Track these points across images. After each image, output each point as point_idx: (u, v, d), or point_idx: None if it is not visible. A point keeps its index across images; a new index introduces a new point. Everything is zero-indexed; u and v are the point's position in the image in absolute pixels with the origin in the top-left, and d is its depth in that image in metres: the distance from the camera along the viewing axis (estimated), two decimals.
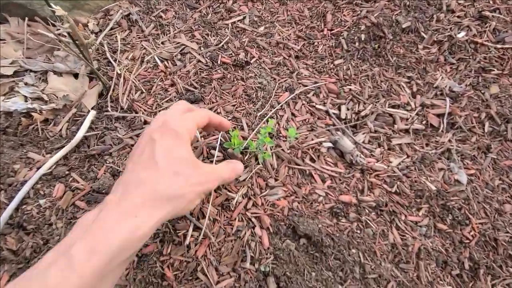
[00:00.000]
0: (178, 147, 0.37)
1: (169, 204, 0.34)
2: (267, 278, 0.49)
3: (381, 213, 0.57)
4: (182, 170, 0.36)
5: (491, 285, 0.56)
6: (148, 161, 0.35)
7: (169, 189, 0.34)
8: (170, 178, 0.35)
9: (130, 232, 0.30)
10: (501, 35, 0.76)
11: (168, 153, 0.36)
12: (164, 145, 0.36)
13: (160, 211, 0.33)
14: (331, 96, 0.68)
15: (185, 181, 0.35)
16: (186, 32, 0.75)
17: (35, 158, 0.56)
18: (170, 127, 0.38)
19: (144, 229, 0.31)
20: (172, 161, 0.36)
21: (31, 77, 0.66)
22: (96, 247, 0.29)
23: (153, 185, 0.33)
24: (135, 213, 0.31)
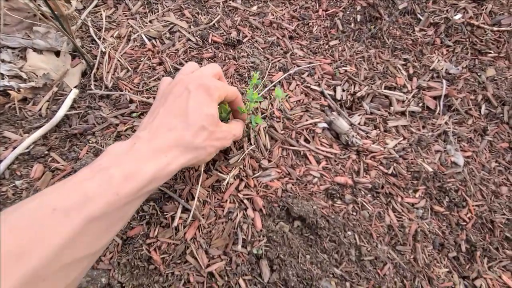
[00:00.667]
0: (208, 104, 0.40)
1: (193, 152, 0.38)
2: (259, 261, 0.47)
3: (377, 195, 0.56)
4: (208, 126, 0.39)
5: (487, 267, 0.55)
6: (180, 111, 0.39)
7: (195, 140, 0.38)
8: (197, 131, 0.38)
9: (160, 167, 0.34)
10: (497, 17, 0.75)
11: (199, 108, 0.39)
12: (197, 99, 0.39)
13: (185, 156, 0.37)
14: (326, 77, 0.66)
15: (208, 136, 0.40)
16: (176, 10, 0.72)
17: (12, 137, 0.52)
18: (206, 83, 0.41)
19: (170, 168, 0.35)
20: (202, 117, 0.39)
21: (8, 54, 0.62)
22: (131, 175, 0.32)
23: (182, 133, 0.37)
24: (165, 153, 0.35)
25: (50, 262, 0.25)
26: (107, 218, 0.30)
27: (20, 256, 0.24)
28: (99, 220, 0.29)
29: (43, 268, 0.25)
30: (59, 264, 0.26)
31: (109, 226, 0.31)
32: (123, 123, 0.55)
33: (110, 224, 0.31)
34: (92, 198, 0.29)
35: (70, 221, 0.27)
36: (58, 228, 0.26)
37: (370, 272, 0.49)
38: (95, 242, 0.30)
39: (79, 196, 0.28)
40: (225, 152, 0.54)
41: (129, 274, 0.45)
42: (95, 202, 0.29)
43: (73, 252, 0.27)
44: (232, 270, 0.46)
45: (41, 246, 0.25)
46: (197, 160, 0.39)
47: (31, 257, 0.24)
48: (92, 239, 0.29)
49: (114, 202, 0.30)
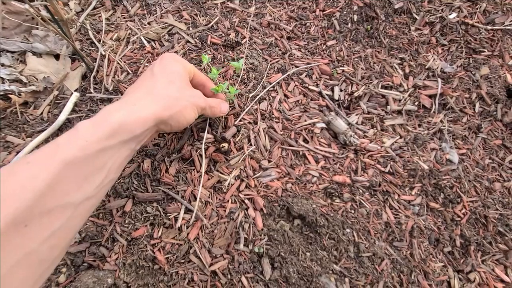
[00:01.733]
0: (175, 65, 0.43)
1: (164, 100, 0.39)
2: (261, 259, 0.49)
3: (374, 193, 0.57)
4: (176, 81, 0.41)
5: (481, 261, 0.56)
6: (146, 75, 0.42)
7: (164, 90, 0.39)
8: (166, 83, 0.40)
9: (128, 114, 0.35)
10: (491, 16, 0.76)
11: (164, 68, 0.42)
12: (162, 63, 0.42)
13: (156, 104, 0.38)
14: (324, 77, 0.67)
15: (178, 89, 0.41)
16: (174, 12, 0.72)
17: (15, 142, 0.53)
18: (169, 55, 0.44)
19: (140, 113, 0.36)
20: (168, 74, 0.41)
21: (8, 58, 0.62)
22: (99, 122, 0.33)
23: (150, 87, 0.39)
24: (134, 103, 0.37)
25: (31, 206, 0.27)
26: (81, 164, 0.31)
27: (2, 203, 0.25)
28: (73, 165, 0.30)
29: (23, 213, 0.26)
30: (40, 209, 0.27)
31: (86, 174, 0.31)
32: None
33: (87, 173, 0.31)
34: (62, 145, 0.30)
35: (45, 168, 0.28)
36: (34, 175, 0.28)
37: (368, 268, 0.51)
38: (75, 190, 0.30)
39: (51, 147, 0.30)
40: (226, 153, 0.55)
41: (135, 274, 0.46)
42: (66, 148, 0.30)
43: (53, 199, 0.28)
44: (235, 269, 0.47)
45: (20, 192, 0.26)
46: (172, 110, 0.39)
47: (12, 202, 0.26)
48: (70, 185, 0.30)
49: (85, 147, 0.31)
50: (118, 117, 0.34)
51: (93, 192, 0.32)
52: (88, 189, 0.32)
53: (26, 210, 0.26)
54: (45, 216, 0.28)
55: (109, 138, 0.33)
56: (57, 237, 0.29)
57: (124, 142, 0.35)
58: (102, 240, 0.47)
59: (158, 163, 0.53)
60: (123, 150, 0.35)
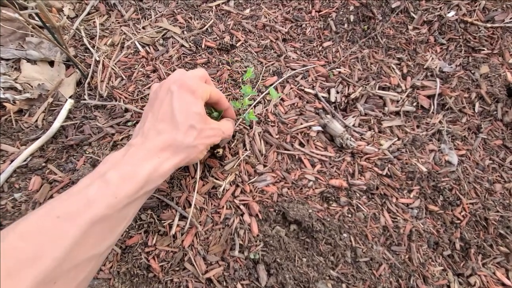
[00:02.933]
0: (194, 103, 0.41)
1: (185, 152, 0.40)
2: (257, 265, 0.48)
3: (372, 196, 0.56)
4: (197, 124, 0.40)
5: (481, 264, 0.56)
6: (166, 114, 0.40)
7: (185, 140, 0.39)
8: (186, 131, 0.40)
9: (154, 168, 0.36)
10: (491, 14, 0.74)
11: (185, 108, 0.40)
12: (181, 100, 0.40)
13: (177, 156, 0.39)
14: (320, 79, 0.66)
15: (198, 134, 0.41)
16: (168, 16, 0.72)
17: (9, 150, 0.53)
18: (187, 83, 0.41)
19: (164, 168, 0.37)
20: (189, 116, 0.40)
21: (2, 65, 0.62)
22: (127, 176, 0.34)
23: (172, 135, 0.39)
24: (158, 154, 0.37)
25: (61, 263, 0.27)
26: (109, 220, 0.32)
27: (33, 261, 0.26)
28: (102, 221, 0.31)
29: (54, 270, 0.27)
30: (68, 265, 0.28)
31: (112, 227, 0.33)
32: (119, 132, 0.56)
33: (112, 225, 0.33)
34: (93, 202, 0.31)
35: (75, 225, 0.29)
36: (65, 232, 0.28)
37: (366, 273, 0.50)
38: (100, 243, 0.32)
39: (81, 202, 0.31)
40: (221, 159, 0.54)
41: (129, 282, 0.46)
42: (96, 205, 0.31)
43: (80, 253, 0.29)
44: (230, 276, 0.47)
45: (51, 249, 0.27)
46: (189, 159, 0.41)
47: (43, 260, 0.26)
48: (97, 240, 0.31)
49: (114, 204, 0.32)
50: (145, 172, 0.35)
51: (115, 240, 0.34)
52: (112, 239, 0.33)
53: (56, 268, 0.27)
54: (72, 270, 0.29)
55: (137, 193, 0.34)
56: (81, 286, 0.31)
57: (147, 192, 0.37)
58: None
59: None
60: (145, 197, 0.38)
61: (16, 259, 0.26)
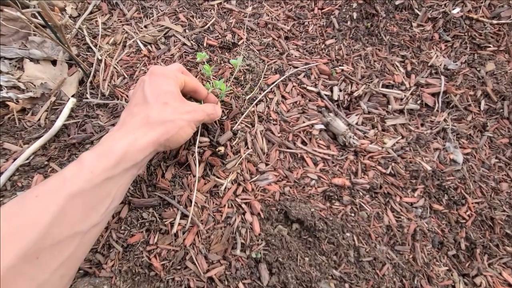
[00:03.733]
0: (166, 84, 0.42)
1: (161, 127, 0.39)
2: (258, 264, 0.48)
3: (375, 195, 0.56)
4: (170, 101, 0.41)
5: (487, 264, 0.55)
6: (139, 98, 0.41)
7: (160, 115, 0.40)
8: (160, 107, 0.40)
9: (129, 143, 0.36)
10: (497, 10, 0.73)
11: (156, 89, 0.41)
12: (153, 83, 0.42)
13: (154, 131, 0.39)
14: (322, 77, 0.66)
15: (173, 109, 0.41)
16: (170, 14, 0.72)
17: (12, 149, 0.53)
18: (157, 70, 0.43)
19: (141, 142, 0.37)
20: (161, 95, 0.41)
21: (5, 64, 0.62)
22: (103, 153, 0.35)
23: (146, 114, 0.39)
24: (133, 132, 0.38)
25: (42, 239, 0.28)
26: (87, 194, 0.32)
27: (13, 236, 0.27)
28: (80, 196, 0.31)
29: (35, 245, 0.28)
30: (50, 241, 0.29)
31: (92, 203, 0.33)
32: None
33: (93, 201, 0.33)
34: (69, 179, 0.32)
35: (52, 200, 0.30)
36: (44, 209, 0.29)
37: (369, 272, 0.50)
38: (82, 220, 0.32)
39: (58, 181, 0.32)
40: (222, 157, 0.54)
41: (131, 281, 0.45)
42: (73, 181, 0.32)
43: (61, 229, 0.30)
44: (232, 275, 0.47)
45: (30, 226, 0.28)
46: (169, 134, 0.40)
47: (23, 236, 0.27)
48: (78, 216, 0.32)
49: (91, 179, 0.32)
50: (120, 147, 0.35)
51: (99, 219, 0.34)
52: (95, 217, 0.33)
53: (37, 243, 0.28)
54: (55, 247, 0.29)
55: (113, 168, 0.34)
56: (66, 266, 0.31)
57: (127, 170, 0.37)
58: (98, 247, 0.47)
59: (154, 168, 0.52)
60: (126, 176, 0.37)
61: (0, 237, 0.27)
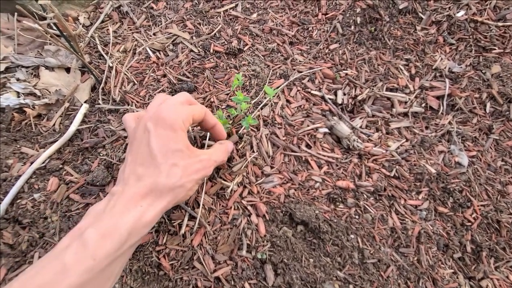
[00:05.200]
0: (173, 139, 0.37)
1: (170, 194, 0.36)
2: (264, 265, 0.49)
3: (379, 198, 0.56)
4: (179, 162, 0.37)
5: (494, 268, 0.54)
6: (145, 156, 0.37)
7: (169, 181, 0.36)
8: (169, 171, 0.36)
9: (136, 219, 0.33)
10: (502, 12, 0.73)
11: (164, 147, 0.37)
12: (159, 138, 0.37)
13: (162, 200, 0.36)
14: (326, 82, 0.67)
15: (183, 172, 0.37)
16: (178, 22, 0.74)
17: (29, 153, 0.56)
18: (163, 117, 0.38)
19: (148, 217, 0.34)
20: (169, 155, 0.37)
21: (22, 72, 0.65)
22: (107, 233, 0.31)
23: (154, 178, 0.36)
24: (139, 202, 0.35)
25: None
26: (89, 284, 0.30)
27: None
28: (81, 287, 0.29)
29: None
30: None
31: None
32: None
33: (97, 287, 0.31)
34: (70, 268, 0.29)
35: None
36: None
37: (374, 274, 0.50)
38: None
39: (58, 269, 0.29)
40: (229, 160, 0.55)
41: (141, 280, 0.47)
42: (73, 271, 0.29)
43: None
44: (238, 275, 0.48)
45: None
46: (178, 198, 0.38)
47: None
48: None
49: (93, 267, 0.30)
50: (126, 225, 0.32)
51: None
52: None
53: None
54: None
55: (118, 250, 0.32)
56: None
57: (132, 246, 0.34)
58: None
59: None
60: (130, 252, 0.35)
61: None
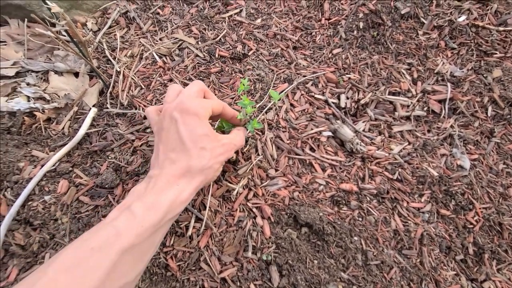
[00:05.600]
0: (200, 125, 0.42)
1: (201, 174, 0.41)
2: (269, 266, 0.50)
3: (382, 200, 0.57)
4: (207, 145, 0.42)
5: (496, 270, 0.55)
6: (175, 142, 0.42)
7: (200, 163, 0.41)
8: (199, 154, 0.41)
9: (175, 196, 0.39)
10: (503, 17, 0.74)
11: (192, 133, 0.41)
12: (187, 125, 0.41)
13: (195, 180, 0.41)
14: (330, 86, 0.68)
15: (210, 154, 0.42)
16: (184, 27, 0.76)
17: (39, 156, 0.57)
18: (188, 106, 0.42)
19: (185, 194, 0.40)
20: (198, 140, 0.41)
21: (32, 77, 0.67)
22: (151, 206, 0.37)
23: (186, 162, 0.41)
24: (176, 182, 0.40)
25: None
26: (137, 248, 0.34)
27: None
28: (131, 250, 0.34)
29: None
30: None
31: (140, 255, 0.36)
32: (138, 138, 0.59)
33: (141, 253, 0.36)
34: (122, 233, 0.34)
35: (106, 255, 0.32)
36: (98, 264, 0.31)
37: (377, 276, 0.51)
38: (131, 271, 0.34)
39: (111, 234, 0.34)
40: (234, 163, 0.56)
41: (149, 280, 0.48)
42: (125, 236, 0.34)
43: (113, 282, 0.32)
44: (244, 276, 0.49)
45: (87, 281, 0.30)
46: (207, 179, 0.43)
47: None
48: (128, 268, 0.34)
49: (141, 233, 0.35)
50: (166, 201, 0.38)
51: (144, 267, 0.37)
52: (141, 267, 0.36)
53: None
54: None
55: (160, 221, 0.37)
56: None
57: (170, 219, 0.39)
58: None
59: None
60: (168, 225, 0.40)
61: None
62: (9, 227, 0.50)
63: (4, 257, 0.49)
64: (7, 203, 0.52)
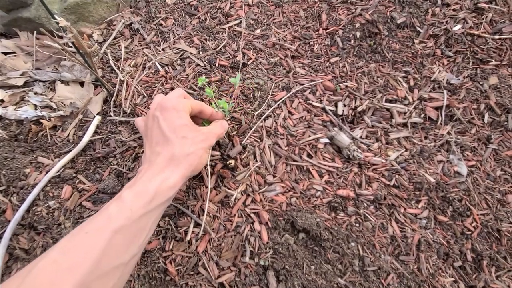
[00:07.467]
0: (179, 117, 0.46)
1: (186, 161, 0.44)
2: (266, 272, 0.50)
3: (379, 207, 0.58)
4: (188, 134, 0.45)
5: (495, 277, 0.55)
6: (158, 136, 0.45)
7: (182, 150, 0.44)
8: (180, 142, 0.44)
9: (161, 182, 0.41)
10: (498, 26, 0.75)
11: (172, 124, 0.45)
12: (167, 119, 0.45)
13: (181, 167, 0.43)
14: (327, 94, 0.69)
15: (192, 141, 0.45)
16: (185, 38, 0.78)
17: (45, 162, 0.59)
18: (167, 104, 0.46)
19: (171, 180, 0.42)
20: (177, 130, 0.45)
21: (40, 86, 0.70)
22: (139, 192, 0.40)
23: (170, 151, 0.43)
24: (163, 170, 0.42)
25: (92, 271, 0.33)
26: (128, 229, 0.37)
27: (69, 270, 0.32)
28: (122, 231, 0.36)
29: (87, 277, 0.32)
30: (99, 272, 0.33)
31: (131, 236, 0.38)
32: (140, 145, 0.61)
33: (132, 235, 0.38)
34: (113, 217, 0.37)
35: (100, 237, 0.35)
36: (93, 244, 0.34)
37: (374, 282, 0.51)
38: (124, 252, 0.37)
39: (104, 218, 0.37)
40: (233, 169, 0.58)
41: (148, 285, 0.49)
42: (116, 218, 0.37)
43: (108, 262, 0.34)
44: (241, 281, 0.49)
45: (83, 260, 0.33)
46: (193, 166, 0.45)
47: (78, 269, 0.32)
48: (121, 248, 0.36)
49: (130, 215, 0.38)
50: (153, 187, 0.41)
51: (137, 250, 0.39)
52: (134, 249, 0.38)
53: (89, 275, 0.32)
54: (103, 278, 0.34)
55: (148, 204, 0.39)
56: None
57: (160, 205, 0.42)
58: None
59: None
60: (159, 210, 0.42)
61: (56, 270, 0.32)
62: (14, 232, 0.52)
63: (8, 260, 0.50)
64: (13, 208, 0.53)
